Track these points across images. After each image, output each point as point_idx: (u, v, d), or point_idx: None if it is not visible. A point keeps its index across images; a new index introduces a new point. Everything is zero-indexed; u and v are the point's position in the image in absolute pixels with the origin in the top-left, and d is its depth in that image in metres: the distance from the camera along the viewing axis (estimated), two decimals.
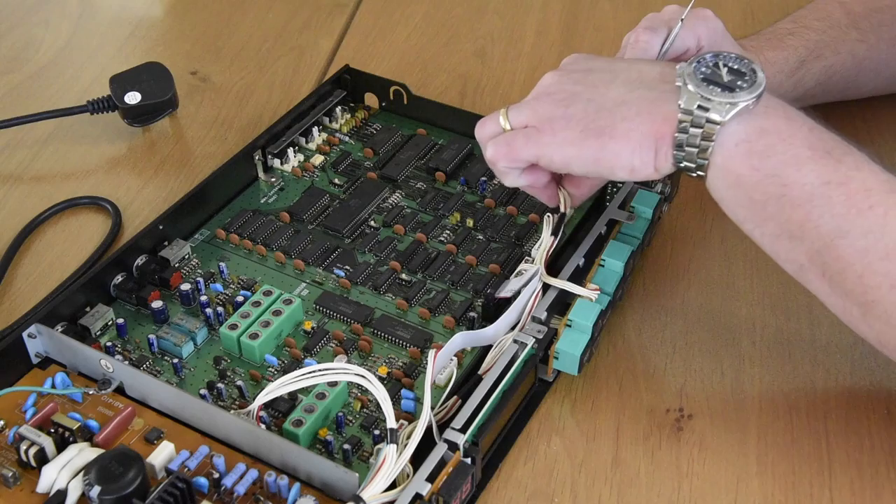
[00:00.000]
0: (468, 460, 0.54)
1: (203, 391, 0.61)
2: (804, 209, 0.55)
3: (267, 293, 0.65)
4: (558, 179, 0.66)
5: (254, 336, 0.63)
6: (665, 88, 0.58)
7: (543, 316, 0.61)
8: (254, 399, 0.57)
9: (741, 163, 0.56)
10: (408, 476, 0.53)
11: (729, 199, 0.58)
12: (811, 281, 0.56)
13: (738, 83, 0.56)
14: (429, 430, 0.55)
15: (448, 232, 0.72)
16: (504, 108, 0.62)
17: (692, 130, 0.56)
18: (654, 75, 0.59)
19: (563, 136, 0.59)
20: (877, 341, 0.56)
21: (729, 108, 0.55)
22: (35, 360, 0.62)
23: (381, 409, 0.55)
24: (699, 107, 0.56)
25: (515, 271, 0.65)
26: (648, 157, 0.58)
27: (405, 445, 0.53)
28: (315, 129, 0.81)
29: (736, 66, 0.58)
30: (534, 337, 0.60)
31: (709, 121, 0.56)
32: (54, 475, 0.53)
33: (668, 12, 0.68)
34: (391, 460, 0.52)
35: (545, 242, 0.65)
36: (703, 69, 0.58)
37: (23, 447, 0.55)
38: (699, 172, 0.57)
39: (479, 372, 0.60)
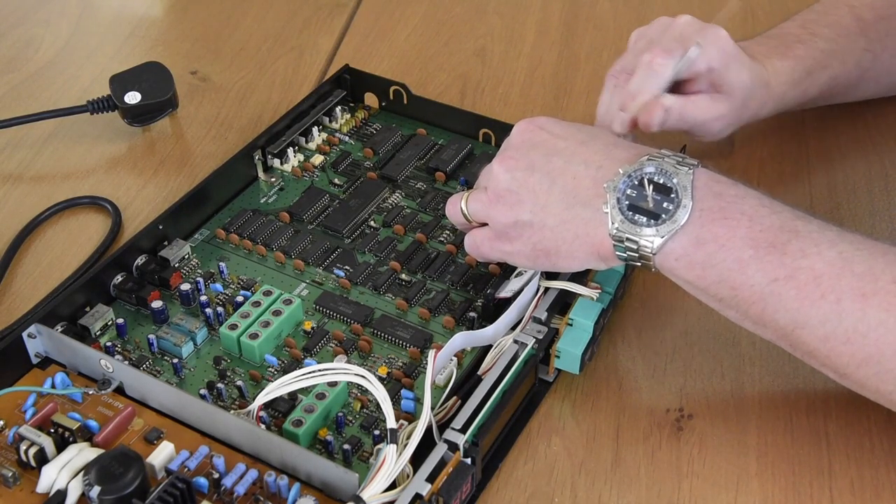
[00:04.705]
0: (468, 460, 0.54)
1: (203, 391, 0.61)
2: (758, 306, 0.55)
3: (267, 293, 0.65)
4: None
5: (254, 336, 0.63)
6: (598, 205, 0.58)
7: (544, 316, 0.61)
8: (254, 399, 0.57)
9: (685, 273, 0.56)
10: (408, 476, 0.53)
11: (687, 289, 0.58)
12: (786, 350, 0.57)
13: (665, 205, 0.56)
14: (429, 430, 0.55)
15: (448, 232, 0.72)
16: (466, 194, 0.65)
17: (629, 253, 0.57)
18: (587, 184, 0.58)
19: (518, 248, 0.62)
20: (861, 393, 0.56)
21: (658, 239, 0.56)
22: (35, 360, 0.62)
23: (381, 409, 0.55)
24: (628, 239, 0.56)
25: (515, 271, 0.65)
26: (599, 264, 0.60)
27: (405, 445, 0.53)
28: (315, 129, 0.81)
29: (661, 181, 0.56)
30: (534, 337, 0.60)
31: (641, 248, 0.56)
32: (54, 475, 0.53)
33: (681, 25, 0.68)
34: (391, 460, 0.52)
35: None
36: (629, 192, 0.57)
37: (23, 447, 0.55)
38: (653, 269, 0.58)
39: (479, 372, 0.59)
